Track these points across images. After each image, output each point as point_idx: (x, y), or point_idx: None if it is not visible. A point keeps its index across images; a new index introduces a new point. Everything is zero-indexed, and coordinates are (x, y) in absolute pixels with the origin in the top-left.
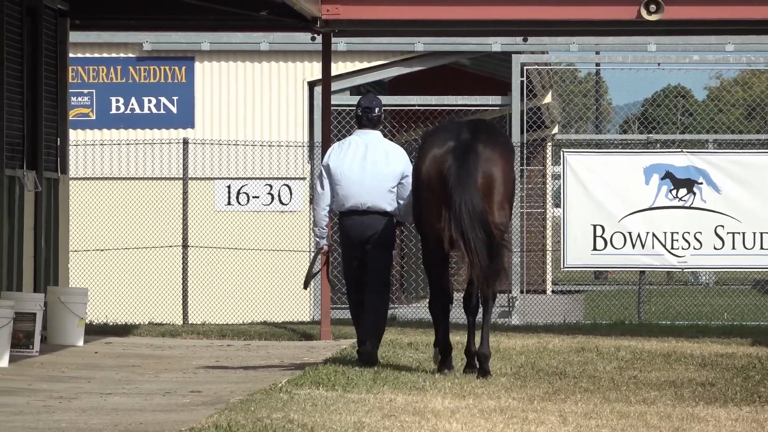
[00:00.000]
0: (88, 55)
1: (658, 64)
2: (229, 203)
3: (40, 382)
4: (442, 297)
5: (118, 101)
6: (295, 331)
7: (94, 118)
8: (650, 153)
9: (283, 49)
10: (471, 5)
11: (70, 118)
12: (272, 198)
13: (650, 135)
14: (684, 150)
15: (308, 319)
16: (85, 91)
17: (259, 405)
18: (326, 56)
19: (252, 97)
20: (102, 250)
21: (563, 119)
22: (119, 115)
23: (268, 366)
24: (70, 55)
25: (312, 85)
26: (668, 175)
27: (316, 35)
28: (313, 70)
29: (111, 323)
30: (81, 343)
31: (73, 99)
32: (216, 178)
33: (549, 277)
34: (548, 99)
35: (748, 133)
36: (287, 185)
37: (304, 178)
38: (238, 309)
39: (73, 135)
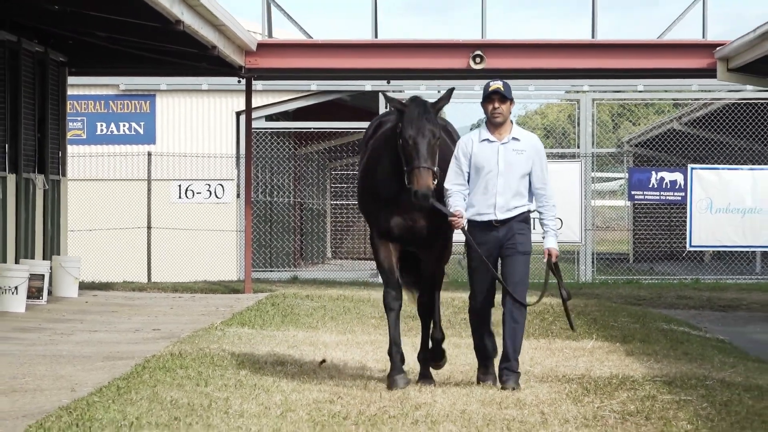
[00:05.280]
0: (80, 92)
1: None
2: (180, 197)
3: (47, 323)
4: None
5: (101, 125)
6: (227, 287)
7: (85, 137)
8: None
9: (218, 89)
10: (348, 57)
11: (68, 137)
12: (210, 193)
13: None
14: None
15: (235, 278)
16: (78, 118)
17: (201, 339)
18: (248, 94)
19: (196, 122)
20: (91, 230)
21: None
22: (103, 135)
23: (208, 311)
24: (68, 92)
25: (238, 114)
26: None
27: (241, 79)
28: (239, 103)
29: (97, 281)
30: (76, 295)
31: (70, 123)
32: (171, 179)
33: None
34: None
35: (546, 148)
36: (221, 184)
37: (232, 179)
38: (186, 271)
39: (70, 149)
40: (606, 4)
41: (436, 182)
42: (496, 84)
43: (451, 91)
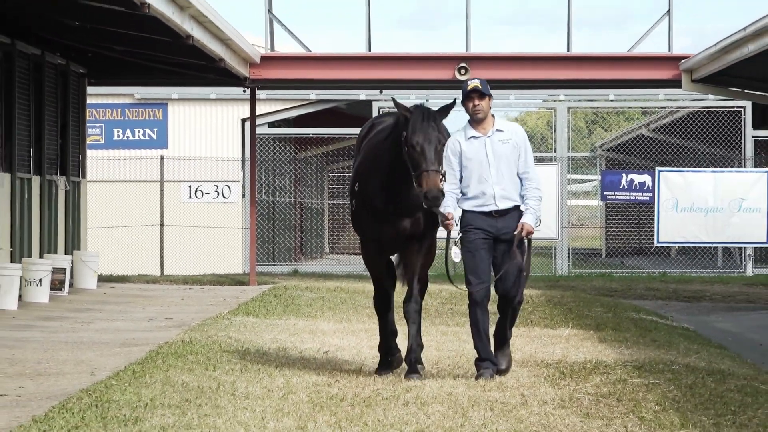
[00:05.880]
0: (98, 101)
1: None
2: (190, 197)
3: (69, 312)
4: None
5: (118, 131)
6: (233, 279)
7: (103, 142)
8: None
9: (225, 98)
10: (344, 69)
11: (88, 142)
12: (218, 194)
13: None
14: None
15: (241, 272)
16: (97, 124)
17: (209, 327)
18: (252, 102)
19: (204, 128)
20: (109, 228)
21: None
22: (119, 141)
23: (216, 302)
24: (87, 101)
25: (243, 121)
26: None
27: (246, 89)
28: (244, 111)
29: (114, 274)
30: (95, 287)
31: (89, 130)
32: (181, 181)
33: None
34: None
35: None
36: (227, 185)
37: (238, 181)
38: (196, 265)
39: (89, 153)
40: (579, 22)
41: (443, 183)
42: (474, 82)
43: (455, 101)
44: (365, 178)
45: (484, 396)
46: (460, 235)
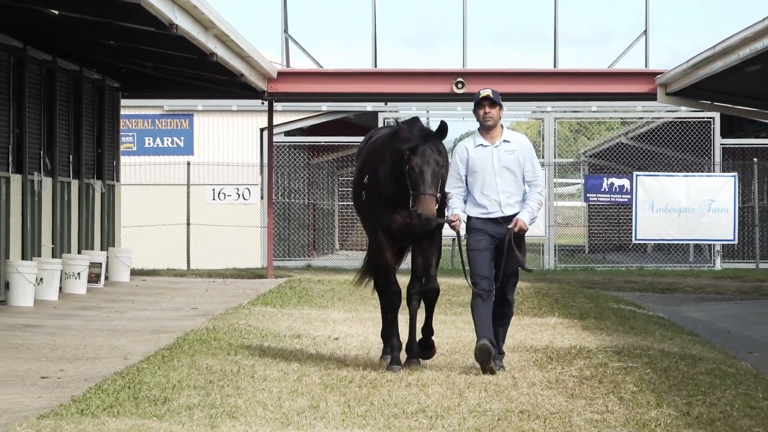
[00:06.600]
0: (131, 112)
1: (463, 117)
2: (213, 199)
3: (104, 302)
4: None
5: (149, 139)
6: (252, 273)
7: (135, 149)
8: None
9: (245, 109)
10: (352, 83)
11: (121, 149)
12: (239, 196)
13: None
14: None
15: (260, 266)
16: (129, 133)
17: (231, 316)
18: (270, 113)
19: (227, 137)
20: (140, 226)
21: None
22: (150, 148)
23: (237, 293)
24: (121, 112)
25: (262, 130)
26: None
27: (264, 101)
28: (263, 121)
29: (145, 269)
30: (128, 280)
31: (122, 138)
32: (206, 184)
33: None
34: None
35: None
36: (247, 188)
37: (257, 184)
38: (219, 260)
39: (123, 159)
40: (565, 39)
41: (437, 206)
42: (486, 91)
43: (444, 124)
44: (374, 172)
45: (478, 378)
46: (466, 236)
